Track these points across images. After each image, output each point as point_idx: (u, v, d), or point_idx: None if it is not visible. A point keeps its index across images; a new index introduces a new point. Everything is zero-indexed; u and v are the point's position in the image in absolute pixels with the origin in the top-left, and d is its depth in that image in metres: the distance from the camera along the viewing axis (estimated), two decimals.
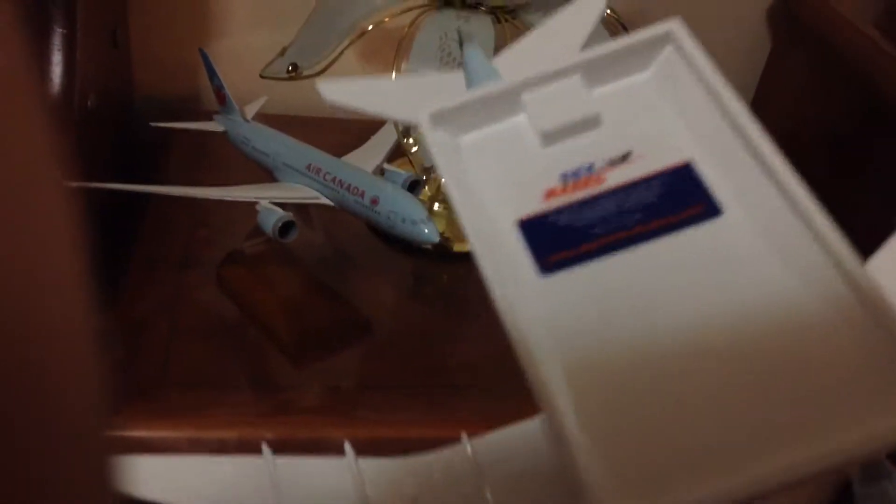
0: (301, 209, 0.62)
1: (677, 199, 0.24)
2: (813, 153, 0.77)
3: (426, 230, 0.52)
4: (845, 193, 0.71)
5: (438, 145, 0.26)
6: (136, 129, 0.79)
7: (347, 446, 0.29)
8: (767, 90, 0.88)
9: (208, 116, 0.67)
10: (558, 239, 0.24)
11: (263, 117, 0.66)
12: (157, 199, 0.66)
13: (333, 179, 0.56)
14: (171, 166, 0.73)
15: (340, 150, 0.63)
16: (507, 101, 0.26)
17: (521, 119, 0.26)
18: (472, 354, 0.60)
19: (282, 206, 0.57)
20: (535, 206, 0.25)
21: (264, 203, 0.55)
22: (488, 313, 0.22)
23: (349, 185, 0.55)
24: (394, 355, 0.59)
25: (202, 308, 0.60)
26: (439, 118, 0.26)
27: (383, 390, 0.56)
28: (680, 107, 0.26)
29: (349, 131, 0.75)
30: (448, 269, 0.68)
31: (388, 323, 0.61)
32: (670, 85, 0.26)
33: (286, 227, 0.55)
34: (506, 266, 0.24)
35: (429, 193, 0.70)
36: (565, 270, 0.24)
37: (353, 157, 0.61)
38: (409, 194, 0.54)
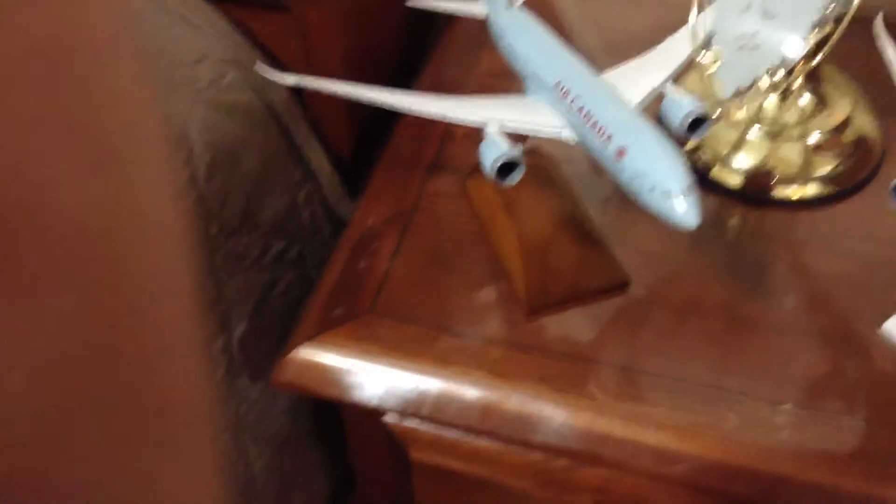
0: None
1: None
2: None
3: (679, 209, 0.36)
4: None
5: None
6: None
7: None
8: None
9: None
10: None
11: None
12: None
13: (580, 110, 0.41)
14: (440, 52, 0.64)
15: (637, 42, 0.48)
16: None
17: None
18: (778, 352, 0.44)
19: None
20: None
21: (491, 129, 0.42)
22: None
23: (595, 123, 0.40)
24: (656, 328, 0.46)
25: (436, 226, 0.51)
26: None
27: (634, 373, 0.44)
28: None
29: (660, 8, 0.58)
30: (754, 217, 0.51)
31: (652, 283, 0.47)
32: None
33: (506, 168, 0.42)
34: None
35: (746, 115, 0.53)
36: None
37: (625, 73, 0.45)
38: (673, 149, 0.38)
